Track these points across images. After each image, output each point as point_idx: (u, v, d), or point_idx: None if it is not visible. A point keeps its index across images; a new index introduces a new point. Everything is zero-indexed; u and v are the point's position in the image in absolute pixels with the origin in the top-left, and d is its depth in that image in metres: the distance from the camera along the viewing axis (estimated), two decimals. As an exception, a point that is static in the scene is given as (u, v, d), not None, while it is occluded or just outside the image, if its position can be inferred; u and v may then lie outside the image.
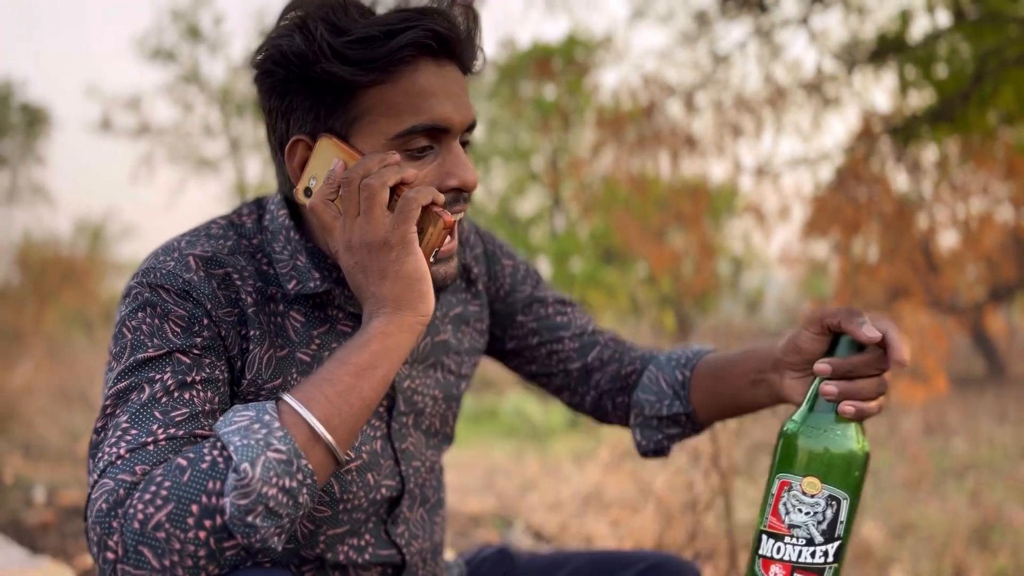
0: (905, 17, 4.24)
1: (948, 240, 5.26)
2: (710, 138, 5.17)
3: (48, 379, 7.54)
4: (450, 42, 0.88)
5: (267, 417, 0.76)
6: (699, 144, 5.17)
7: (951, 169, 4.80)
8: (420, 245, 0.86)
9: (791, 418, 0.85)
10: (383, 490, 1.00)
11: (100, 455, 0.79)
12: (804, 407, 0.85)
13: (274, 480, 0.73)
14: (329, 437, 0.77)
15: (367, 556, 1.00)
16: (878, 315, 0.85)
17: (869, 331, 0.82)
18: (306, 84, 0.87)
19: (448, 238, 0.91)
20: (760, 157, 5.26)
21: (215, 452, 0.75)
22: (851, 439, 0.82)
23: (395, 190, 0.86)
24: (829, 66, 4.62)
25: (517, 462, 5.41)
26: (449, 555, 2.13)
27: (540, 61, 10.24)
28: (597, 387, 1.15)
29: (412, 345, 0.84)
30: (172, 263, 0.88)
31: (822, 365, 0.84)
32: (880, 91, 8.02)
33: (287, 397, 0.79)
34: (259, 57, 0.89)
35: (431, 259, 0.87)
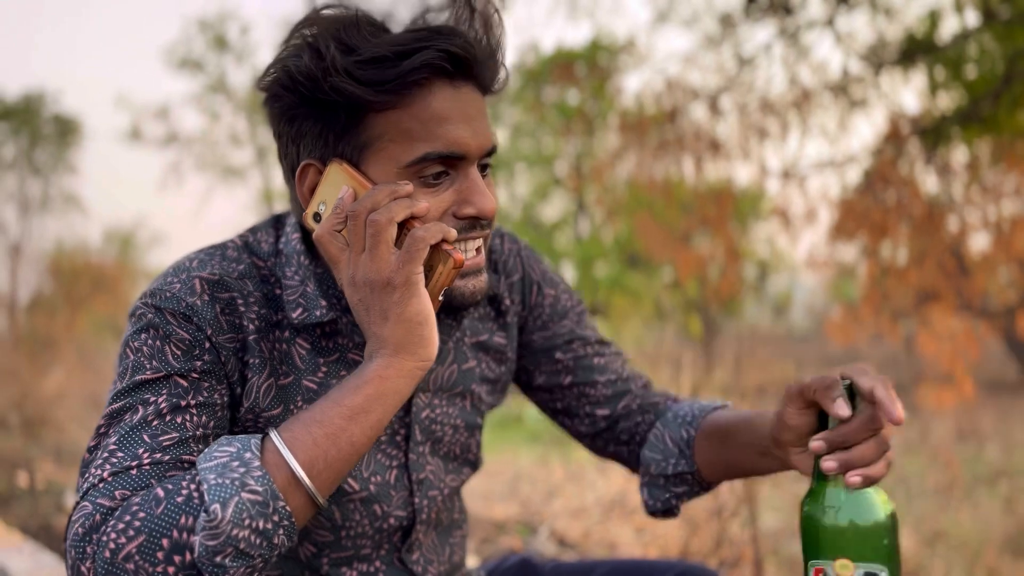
0: (934, 18, 4.19)
1: (979, 243, 5.17)
2: (735, 141, 5.13)
3: (80, 385, 7.66)
4: (467, 63, 0.84)
5: (248, 455, 0.74)
6: (724, 147, 5.14)
7: (982, 170, 4.73)
8: (427, 285, 0.82)
9: (804, 498, 0.81)
10: (391, 520, 0.98)
11: (87, 475, 0.78)
12: (813, 484, 0.81)
13: (246, 522, 0.71)
14: (309, 483, 0.75)
15: None
16: (865, 368, 0.80)
17: (839, 408, 0.78)
18: (316, 107, 0.84)
19: (475, 253, 0.88)
20: (786, 160, 5.22)
21: (192, 486, 0.73)
22: (869, 507, 0.77)
23: (405, 224, 0.82)
24: (855, 68, 4.58)
25: (542, 468, 5.39)
26: (472, 562, 2.13)
27: (563, 66, 10.22)
28: (618, 438, 1.11)
29: (410, 390, 0.81)
30: (178, 285, 0.87)
31: (816, 442, 0.80)
32: (908, 92, 7.93)
33: (274, 435, 0.76)
34: (268, 79, 0.86)
35: (439, 299, 0.83)
